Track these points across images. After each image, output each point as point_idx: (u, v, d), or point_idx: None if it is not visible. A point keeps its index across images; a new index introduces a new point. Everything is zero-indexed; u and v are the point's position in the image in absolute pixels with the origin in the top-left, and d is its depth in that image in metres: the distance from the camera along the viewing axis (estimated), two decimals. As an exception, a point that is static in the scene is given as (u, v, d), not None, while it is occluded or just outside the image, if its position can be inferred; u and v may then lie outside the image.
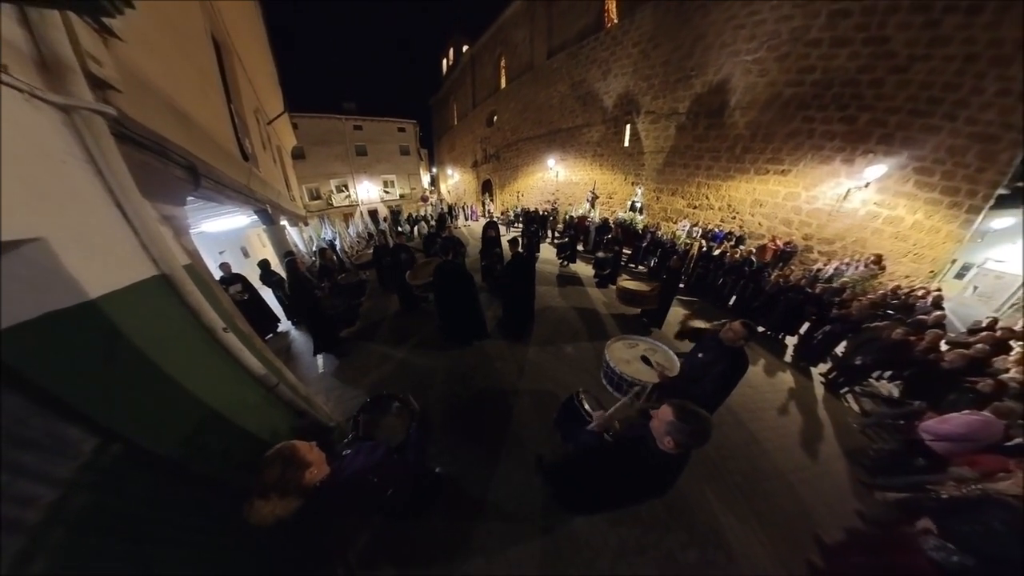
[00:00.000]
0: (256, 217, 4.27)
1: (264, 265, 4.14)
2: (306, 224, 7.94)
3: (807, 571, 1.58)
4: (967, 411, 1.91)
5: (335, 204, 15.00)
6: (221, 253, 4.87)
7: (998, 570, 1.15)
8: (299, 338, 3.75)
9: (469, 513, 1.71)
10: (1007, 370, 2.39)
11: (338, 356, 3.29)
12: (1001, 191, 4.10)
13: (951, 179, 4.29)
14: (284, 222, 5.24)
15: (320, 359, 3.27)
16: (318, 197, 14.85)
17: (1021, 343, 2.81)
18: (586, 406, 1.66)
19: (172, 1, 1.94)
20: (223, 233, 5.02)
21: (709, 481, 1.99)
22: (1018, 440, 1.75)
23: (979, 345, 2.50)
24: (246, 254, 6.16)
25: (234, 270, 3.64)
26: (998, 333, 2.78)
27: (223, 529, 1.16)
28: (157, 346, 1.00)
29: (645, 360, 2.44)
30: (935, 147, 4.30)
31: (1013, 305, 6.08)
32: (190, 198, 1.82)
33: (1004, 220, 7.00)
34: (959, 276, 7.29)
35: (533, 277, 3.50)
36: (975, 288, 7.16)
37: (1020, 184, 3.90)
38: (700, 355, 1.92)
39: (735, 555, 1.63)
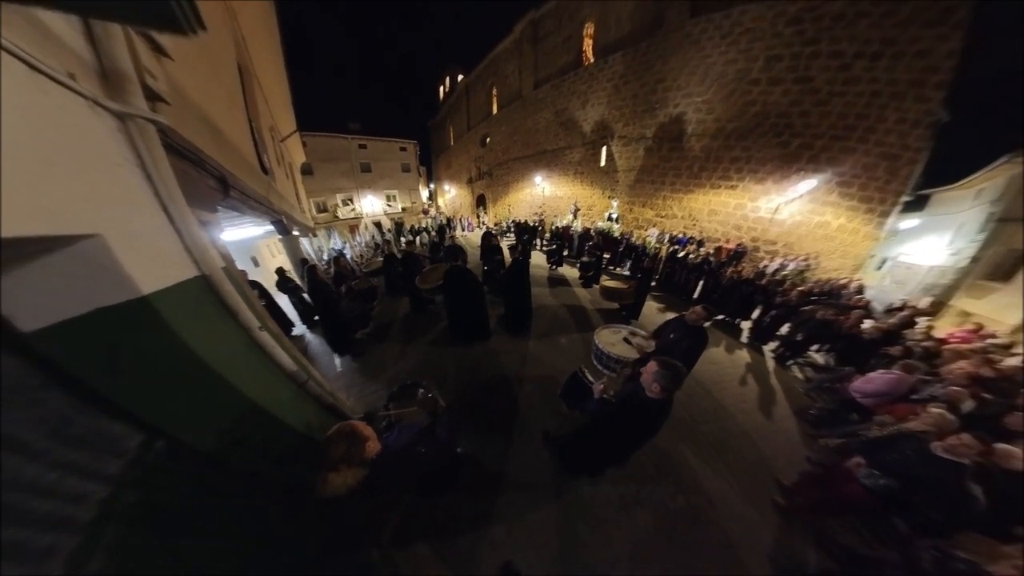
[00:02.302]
0: (271, 227, 4.13)
1: (280, 272, 4.01)
2: (314, 235, 7.70)
3: (772, 508, 1.70)
4: (882, 371, 2.13)
5: (341, 217, 14.62)
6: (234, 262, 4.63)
7: (913, 486, 1.33)
8: (314, 341, 3.63)
9: (489, 487, 1.73)
10: (917, 340, 2.67)
11: (354, 356, 3.20)
12: (905, 198, 4.56)
13: (866, 190, 4.73)
14: (296, 232, 5.09)
15: (338, 359, 3.18)
16: (325, 210, 14.44)
17: (926, 318, 3.13)
18: (589, 377, 1.79)
19: (209, 29, 1.90)
20: (233, 243, 4.80)
21: (686, 441, 2.10)
22: (924, 392, 1.96)
23: (892, 321, 2.79)
24: (256, 263, 5.89)
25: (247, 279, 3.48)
26: (907, 312, 3.08)
27: (262, 519, 1.12)
28: (203, 343, 0.95)
29: (627, 341, 2.57)
30: (852, 164, 4.74)
31: (920, 288, 6.83)
32: (218, 208, 1.77)
33: (909, 221, 7.86)
34: (878, 268, 8.07)
35: (529, 279, 3.56)
36: (891, 277, 7.93)
37: (920, 192, 4.38)
38: (672, 335, 2.08)
39: (714, 500, 1.73)
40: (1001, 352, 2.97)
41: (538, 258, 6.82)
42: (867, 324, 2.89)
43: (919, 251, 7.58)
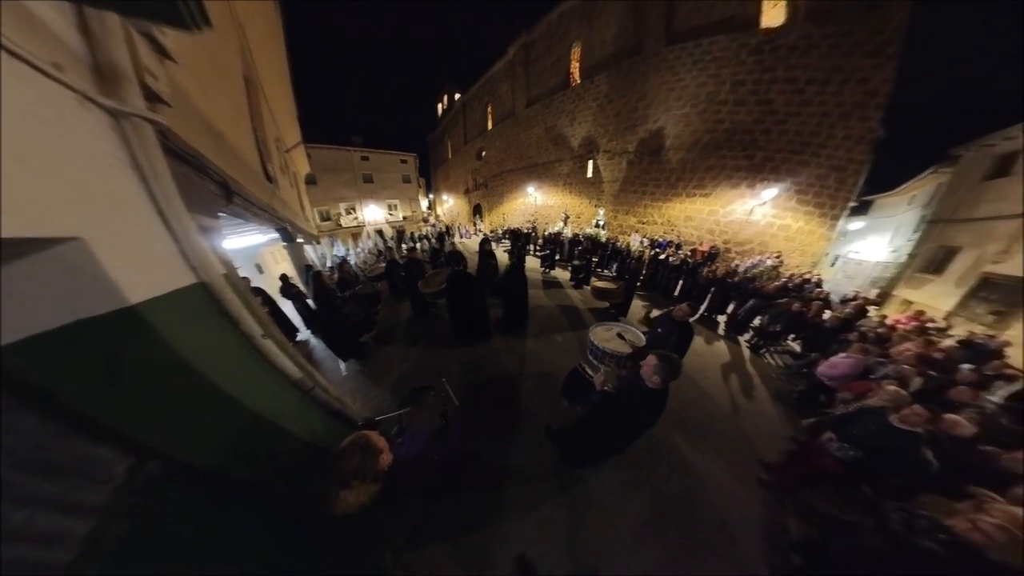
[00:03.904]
0: (276, 235, 3.94)
1: (284, 279, 3.80)
2: (318, 242, 7.41)
3: (758, 484, 1.73)
4: (843, 355, 2.22)
5: (344, 225, 14.23)
6: (237, 269, 4.36)
7: (877, 455, 1.39)
8: (319, 346, 3.44)
9: (497, 482, 1.67)
10: (870, 327, 2.81)
11: (359, 360, 3.04)
12: (852, 204, 4.85)
13: (819, 197, 5.00)
14: (300, 239, 4.87)
15: (343, 363, 3.02)
16: (328, 218, 14.03)
17: (875, 307, 3.29)
18: (588, 372, 1.81)
19: (213, 36, 1.79)
20: (238, 251, 4.55)
21: (675, 428, 2.10)
22: (879, 373, 2.06)
23: (847, 311, 2.94)
24: (260, 270, 5.60)
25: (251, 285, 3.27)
26: (859, 301, 3.22)
27: (271, 532, 1.00)
28: (200, 354, 0.84)
29: (620, 337, 2.57)
30: (807, 175, 5.00)
31: (869, 281, 7.35)
32: (220, 214, 1.64)
33: (856, 224, 8.45)
34: (832, 264, 8.63)
35: (526, 282, 3.52)
36: (843, 272, 8.49)
37: (864, 198, 4.69)
38: (659, 330, 2.12)
39: (705, 480, 1.74)
40: (939, 334, 3.15)
41: (532, 262, 6.79)
42: (827, 314, 3.00)
43: (866, 249, 8.20)
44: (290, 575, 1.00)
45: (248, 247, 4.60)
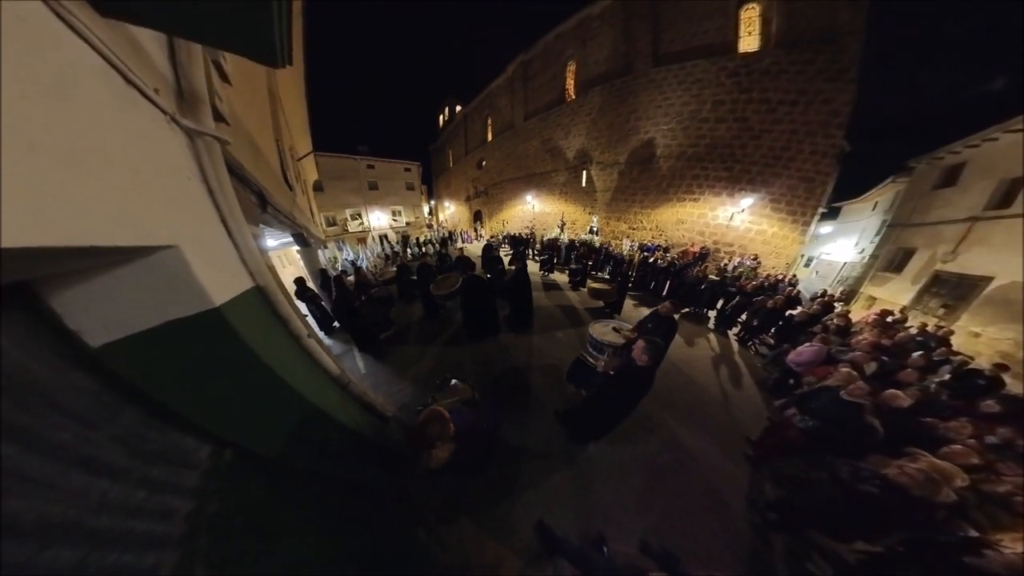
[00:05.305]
0: (286, 239, 3.93)
1: (300, 282, 3.79)
2: (325, 247, 7.34)
3: (744, 459, 1.87)
4: (808, 344, 2.43)
5: (350, 230, 14.12)
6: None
7: (831, 424, 1.57)
8: (334, 346, 3.44)
9: (514, 461, 1.76)
10: (831, 320, 3.02)
11: (377, 358, 3.07)
12: (821, 210, 5.16)
13: (791, 205, 5.29)
14: (312, 244, 4.84)
15: (361, 361, 3.03)
16: (335, 224, 13.90)
17: (840, 303, 3.47)
18: (590, 360, 2.02)
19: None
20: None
21: (665, 409, 2.23)
22: (840, 359, 2.23)
23: (814, 307, 3.15)
24: (271, 273, 5.47)
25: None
26: (825, 299, 3.48)
27: (324, 516, 1.05)
28: (268, 351, 0.89)
29: (615, 331, 2.69)
30: (780, 185, 5.30)
31: (838, 280, 7.74)
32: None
33: (826, 228, 8.88)
34: (806, 265, 9.07)
35: (530, 284, 3.60)
36: (816, 272, 8.91)
37: (832, 205, 4.94)
38: (649, 325, 2.31)
39: (695, 455, 1.87)
40: (899, 326, 3.36)
41: (531, 266, 6.87)
42: (797, 311, 3.21)
43: (835, 251, 8.64)
44: (339, 550, 1.04)
45: (260, 251, 4.52)
